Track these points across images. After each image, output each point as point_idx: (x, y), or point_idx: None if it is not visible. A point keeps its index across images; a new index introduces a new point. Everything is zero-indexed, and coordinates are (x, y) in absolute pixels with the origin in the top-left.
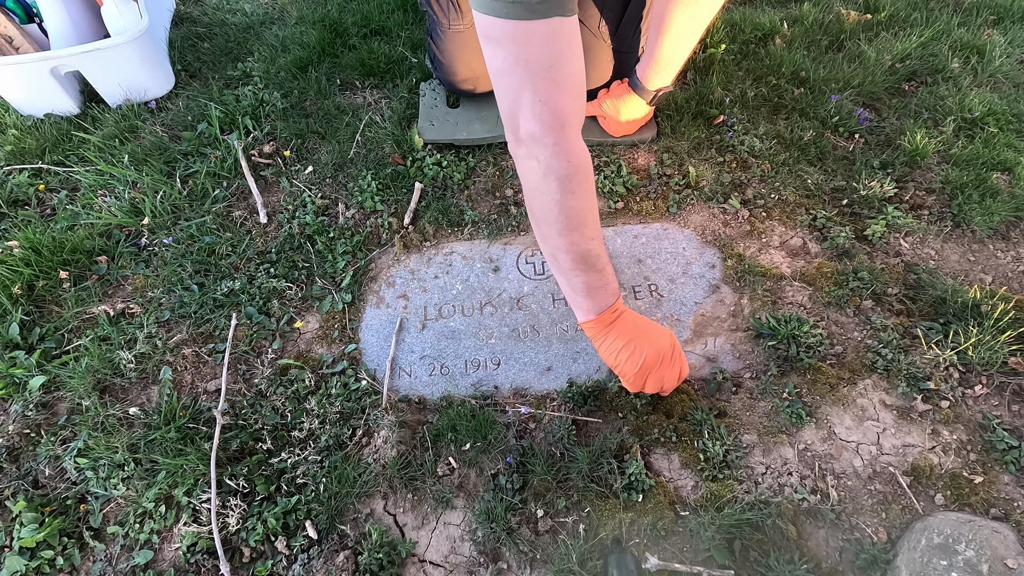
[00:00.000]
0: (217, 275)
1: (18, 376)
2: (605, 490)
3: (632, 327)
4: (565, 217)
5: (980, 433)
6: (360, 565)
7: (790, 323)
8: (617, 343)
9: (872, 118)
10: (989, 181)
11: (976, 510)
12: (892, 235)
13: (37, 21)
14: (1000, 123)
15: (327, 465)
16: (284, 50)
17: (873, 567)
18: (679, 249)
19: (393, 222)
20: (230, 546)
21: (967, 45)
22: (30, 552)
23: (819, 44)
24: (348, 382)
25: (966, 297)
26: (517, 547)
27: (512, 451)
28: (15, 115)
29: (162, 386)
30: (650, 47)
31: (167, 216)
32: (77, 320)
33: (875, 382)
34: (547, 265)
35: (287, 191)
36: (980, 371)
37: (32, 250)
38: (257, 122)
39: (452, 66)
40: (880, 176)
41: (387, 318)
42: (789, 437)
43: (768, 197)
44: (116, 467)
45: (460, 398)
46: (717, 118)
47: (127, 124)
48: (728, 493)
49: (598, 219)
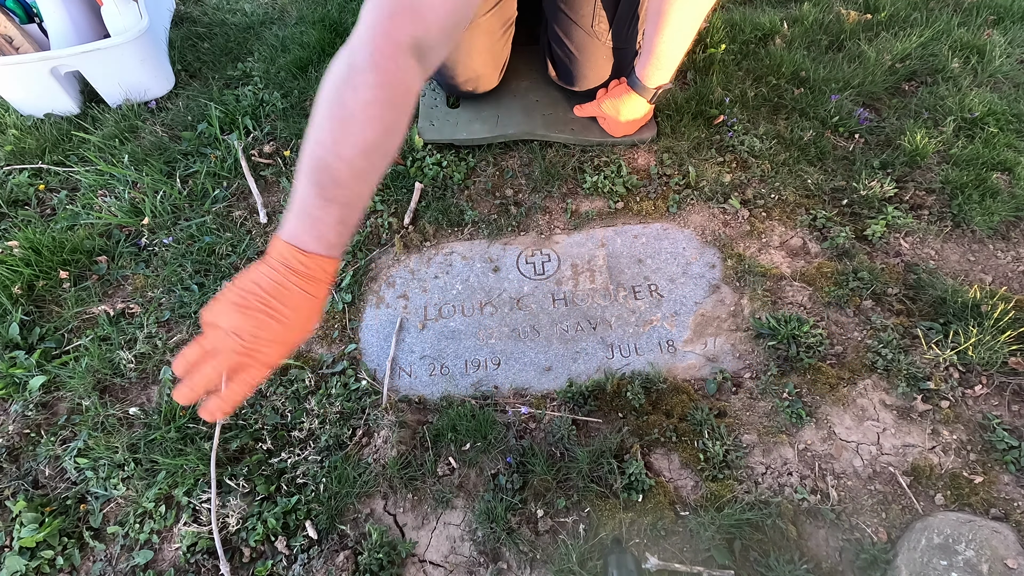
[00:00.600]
0: (217, 275)
1: (18, 376)
2: (605, 490)
3: (311, 299)
4: (327, 102)
5: (980, 433)
6: (360, 565)
7: (790, 323)
8: (270, 286)
9: (872, 118)
10: (989, 181)
11: (976, 510)
12: (892, 235)
13: (37, 21)
14: (1000, 123)
15: (327, 465)
16: (284, 50)
17: (873, 567)
18: (679, 249)
19: (393, 222)
20: (230, 546)
21: (967, 45)
22: (30, 552)
23: (819, 44)
24: (348, 382)
25: (966, 297)
26: (517, 547)
27: (512, 451)
28: (15, 115)
29: (162, 386)
30: (648, 43)
31: (167, 216)
32: (77, 320)
33: (875, 382)
34: (547, 265)
35: (287, 191)
36: (980, 371)
37: (32, 250)
38: (257, 122)
39: (452, 69)
40: (880, 176)
41: (387, 318)
42: (789, 437)
43: (768, 197)
44: (116, 467)
45: (460, 398)
46: (717, 118)
47: (127, 124)
48: (728, 493)
49: (379, 150)
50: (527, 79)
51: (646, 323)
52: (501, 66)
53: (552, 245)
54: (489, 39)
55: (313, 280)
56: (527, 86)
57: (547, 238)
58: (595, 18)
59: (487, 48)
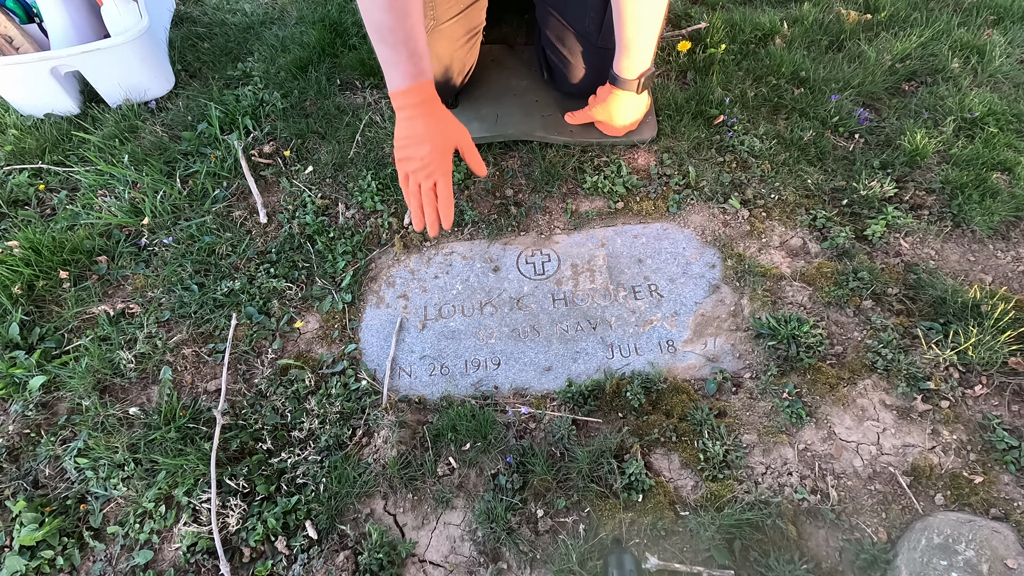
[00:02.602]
0: (217, 275)
1: (18, 376)
2: (605, 490)
3: (424, 123)
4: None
5: (980, 433)
6: (360, 565)
7: (790, 323)
8: (403, 127)
9: (872, 118)
10: (989, 181)
11: (976, 510)
12: (892, 235)
13: (37, 21)
14: (1000, 123)
15: (327, 465)
16: (284, 50)
17: (873, 567)
18: (679, 249)
19: (393, 222)
20: (230, 546)
21: (967, 45)
22: (30, 552)
23: (819, 44)
24: (348, 382)
25: (966, 297)
26: (517, 547)
27: (512, 451)
28: (15, 115)
29: (162, 386)
30: (617, 37)
31: (167, 216)
32: (77, 320)
33: (875, 382)
34: (547, 265)
35: (287, 191)
36: (980, 371)
37: (32, 250)
38: (257, 122)
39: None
40: (880, 176)
41: (387, 318)
42: (789, 437)
43: (768, 197)
44: (116, 467)
45: (460, 398)
46: (717, 118)
47: (127, 124)
48: (728, 493)
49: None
50: (527, 79)
51: (646, 323)
52: (462, 72)
53: (552, 245)
54: (451, 46)
55: (422, 103)
56: (527, 86)
57: (547, 238)
58: (586, 22)
59: (448, 54)
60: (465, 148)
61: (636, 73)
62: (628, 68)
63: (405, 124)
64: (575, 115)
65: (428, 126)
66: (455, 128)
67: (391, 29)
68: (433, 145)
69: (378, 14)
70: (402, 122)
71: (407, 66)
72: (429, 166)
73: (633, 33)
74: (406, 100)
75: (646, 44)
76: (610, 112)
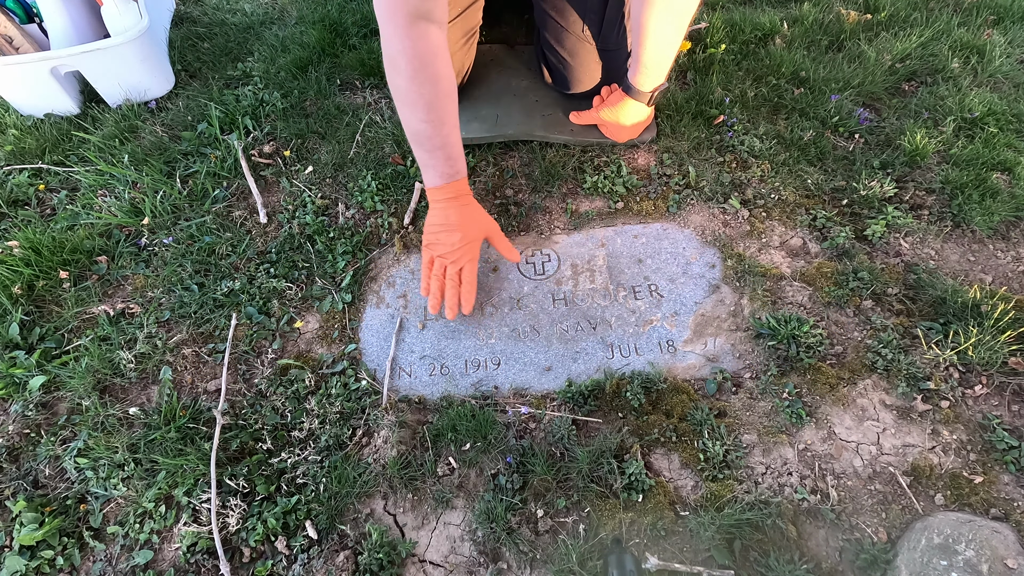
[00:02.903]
0: (217, 275)
1: (18, 376)
2: (605, 490)
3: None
4: (393, 91)
5: (980, 433)
6: (360, 565)
7: (790, 323)
8: (436, 215)
9: (872, 118)
10: (989, 181)
11: (976, 510)
12: (892, 235)
13: (37, 21)
14: (1000, 123)
15: (327, 465)
16: (284, 50)
17: (873, 567)
18: (679, 249)
19: (393, 222)
20: (230, 546)
21: (967, 45)
22: (30, 552)
23: (819, 44)
24: (348, 382)
25: (966, 297)
26: (517, 547)
27: (512, 451)
28: (15, 115)
29: (162, 386)
30: (635, 52)
31: (167, 216)
32: (77, 320)
33: (875, 382)
34: (547, 265)
35: (287, 191)
36: (980, 371)
37: (32, 250)
38: (257, 122)
39: None
40: (880, 176)
41: (387, 318)
42: (789, 437)
43: (768, 197)
44: (116, 467)
45: (460, 398)
46: (717, 118)
47: (127, 124)
48: (728, 493)
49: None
50: (527, 79)
51: (646, 323)
52: (460, 73)
53: (552, 245)
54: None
55: (456, 197)
56: (527, 86)
57: (547, 238)
58: (584, 23)
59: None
60: (495, 238)
61: (651, 87)
62: (644, 82)
63: (438, 213)
64: (581, 115)
65: (462, 216)
66: (486, 220)
67: (428, 137)
68: (464, 233)
69: (417, 124)
70: (436, 211)
71: (443, 167)
72: (457, 252)
73: (653, 52)
74: (441, 195)
75: (664, 62)
76: (618, 117)
